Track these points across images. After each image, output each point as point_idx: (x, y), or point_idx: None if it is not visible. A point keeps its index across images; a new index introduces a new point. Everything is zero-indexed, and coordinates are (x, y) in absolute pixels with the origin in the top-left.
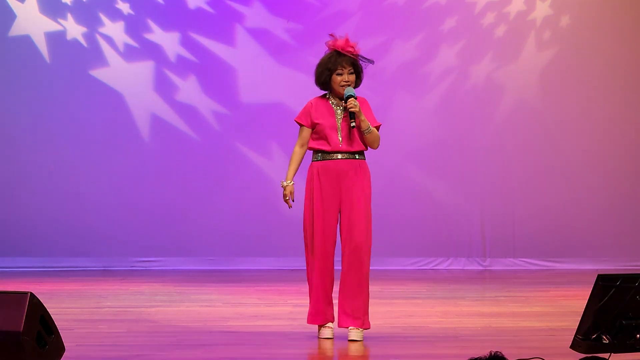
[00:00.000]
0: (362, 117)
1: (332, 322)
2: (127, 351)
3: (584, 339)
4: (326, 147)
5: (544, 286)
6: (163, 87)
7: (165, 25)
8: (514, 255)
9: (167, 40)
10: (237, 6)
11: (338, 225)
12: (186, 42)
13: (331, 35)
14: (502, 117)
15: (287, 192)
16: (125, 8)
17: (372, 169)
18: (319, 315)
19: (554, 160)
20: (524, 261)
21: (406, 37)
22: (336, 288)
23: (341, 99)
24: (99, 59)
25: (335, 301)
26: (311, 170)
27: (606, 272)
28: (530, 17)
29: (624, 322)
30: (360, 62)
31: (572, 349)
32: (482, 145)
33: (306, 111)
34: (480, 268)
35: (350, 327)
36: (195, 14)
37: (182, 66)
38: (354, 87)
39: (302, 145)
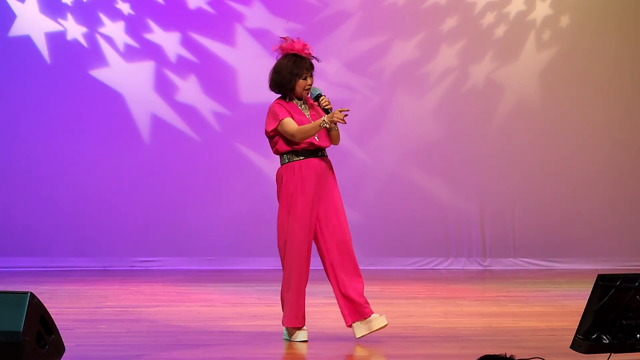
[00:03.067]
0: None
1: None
2: (127, 351)
3: (584, 339)
4: (306, 145)
5: (544, 286)
6: (163, 87)
7: (165, 25)
8: (514, 255)
9: (167, 40)
10: (237, 6)
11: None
12: (186, 42)
13: (283, 38)
14: (501, 117)
15: (336, 113)
16: (125, 8)
17: (373, 168)
18: (300, 317)
19: (553, 160)
20: (524, 261)
21: (406, 37)
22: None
23: (299, 99)
24: (99, 59)
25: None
26: (287, 171)
27: (606, 272)
28: (530, 17)
29: (624, 322)
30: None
31: (572, 349)
32: (481, 145)
33: (281, 108)
34: (480, 268)
35: (373, 315)
36: (195, 14)
37: (182, 66)
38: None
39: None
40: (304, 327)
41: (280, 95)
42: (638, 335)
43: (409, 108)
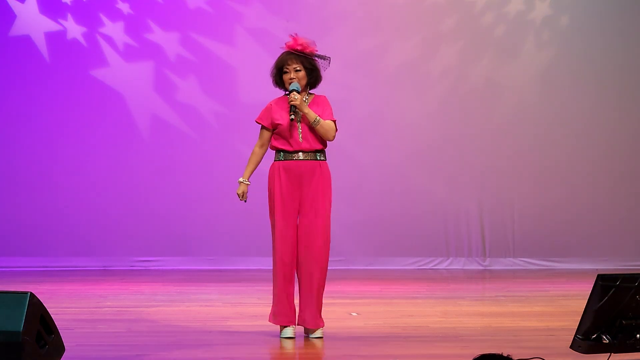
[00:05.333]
0: (306, 110)
1: (294, 324)
2: (127, 351)
3: (584, 339)
4: (287, 147)
5: (544, 286)
6: (163, 87)
7: (165, 25)
8: (514, 255)
9: (167, 40)
10: (237, 6)
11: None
12: (186, 42)
13: (291, 36)
14: (501, 116)
15: (240, 190)
16: (125, 8)
17: (372, 168)
18: (279, 315)
19: (553, 159)
20: (524, 261)
21: (406, 36)
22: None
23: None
24: (99, 59)
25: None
26: (272, 169)
27: (606, 272)
28: (530, 17)
29: (624, 322)
30: (317, 59)
31: (572, 349)
32: (481, 144)
33: (267, 112)
34: (480, 268)
35: (309, 329)
36: (195, 14)
37: (182, 66)
38: (311, 85)
39: (261, 146)
40: (291, 325)
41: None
42: (638, 335)
43: (409, 108)
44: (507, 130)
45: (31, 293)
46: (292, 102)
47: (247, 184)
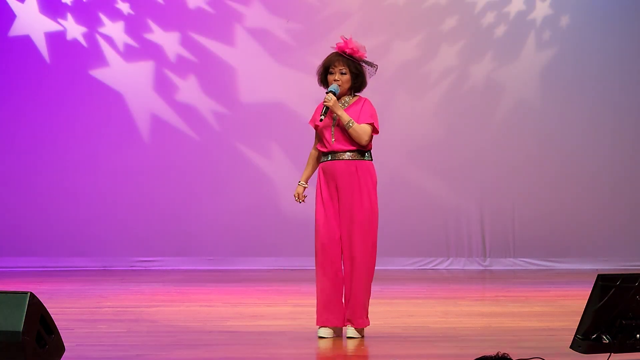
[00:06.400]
0: (339, 113)
1: (339, 325)
2: (127, 351)
3: (584, 339)
4: (323, 148)
5: (544, 286)
6: (163, 87)
7: (165, 25)
8: (514, 255)
9: (167, 40)
10: (237, 6)
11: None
12: (186, 42)
13: (342, 38)
14: (501, 116)
15: (296, 192)
16: (125, 8)
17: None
18: (321, 317)
19: (553, 159)
20: (524, 261)
21: (406, 37)
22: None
23: (339, 98)
24: (99, 59)
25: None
26: (318, 172)
27: (606, 272)
28: (530, 17)
29: (624, 322)
30: (363, 65)
31: (572, 349)
32: (482, 145)
33: (314, 113)
34: (480, 268)
35: (348, 326)
36: (195, 14)
37: (182, 66)
38: (354, 89)
39: (316, 148)
40: (328, 326)
41: None
42: (638, 335)
43: (409, 108)
44: (508, 130)
45: (31, 293)
46: (325, 103)
47: (304, 186)
